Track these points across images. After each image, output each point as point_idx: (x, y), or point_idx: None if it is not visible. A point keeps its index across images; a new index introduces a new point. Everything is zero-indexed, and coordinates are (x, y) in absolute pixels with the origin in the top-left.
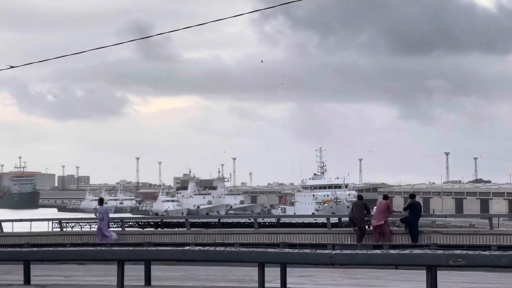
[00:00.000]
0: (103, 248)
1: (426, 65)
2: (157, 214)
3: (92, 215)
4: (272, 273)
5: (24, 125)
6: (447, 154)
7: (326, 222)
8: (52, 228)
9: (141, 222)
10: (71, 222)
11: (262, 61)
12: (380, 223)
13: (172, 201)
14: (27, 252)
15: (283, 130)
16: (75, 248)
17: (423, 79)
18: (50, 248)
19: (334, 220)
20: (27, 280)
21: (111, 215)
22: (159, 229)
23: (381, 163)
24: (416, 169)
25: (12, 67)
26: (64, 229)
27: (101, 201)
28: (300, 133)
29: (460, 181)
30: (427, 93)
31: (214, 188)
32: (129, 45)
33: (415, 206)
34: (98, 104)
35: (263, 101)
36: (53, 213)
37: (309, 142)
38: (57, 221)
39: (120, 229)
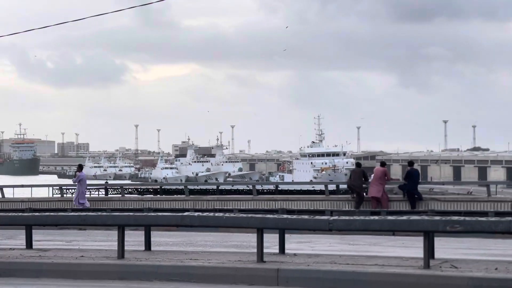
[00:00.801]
0: (104, 214)
1: (426, 32)
2: (156, 181)
3: (92, 181)
4: (271, 239)
5: (24, 92)
6: (445, 122)
7: (324, 189)
8: (53, 194)
9: (140, 188)
10: (72, 188)
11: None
12: (378, 195)
13: (171, 168)
14: (28, 217)
15: (281, 98)
16: (76, 213)
17: (423, 47)
18: (52, 213)
19: (332, 187)
20: (29, 244)
21: (110, 182)
22: (158, 195)
23: (379, 131)
24: (414, 137)
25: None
26: (65, 195)
27: (80, 168)
28: (298, 101)
29: (458, 149)
30: (426, 61)
31: (213, 155)
32: (128, 13)
33: (413, 173)
34: (98, 71)
35: (261, 69)
36: (53, 179)
37: (307, 110)
38: (58, 187)
39: (120, 195)
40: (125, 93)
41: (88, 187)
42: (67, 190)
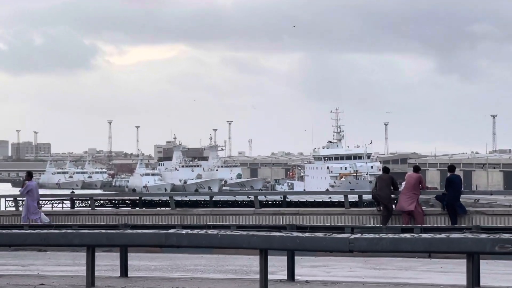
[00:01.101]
0: (69, 231)
1: (470, 5)
2: (134, 190)
3: (55, 191)
4: (277, 263)
5: None
6: (494, 116)
7: (343, 200)
8: (6, 206)
9: (115, 200)
10: None
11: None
12: (411, 208)
13: (153, 174)
14: None
15: (291, 87)
16: (35, 231)
17: (466, 23)
18: (4, 231)
19: (353, 198)
20: None
21: (78, 191)
22: (137, 209)
23: (412, 128)
24: (456, 136)
25: None
26: (20, 208)
27: (29, 175)
28: (312, 91)
29: (509, 150)
30: (470, 41)
31: (205, 158)
32: None
33: (454, 181)
34: (62, 54)
35: (266, 51)
36: (6, 188)
37: (323, 102)
38: (12, 198)
39: (89, 208)
40: (96, 81)
41: (50, 199)
42: (23, 202)
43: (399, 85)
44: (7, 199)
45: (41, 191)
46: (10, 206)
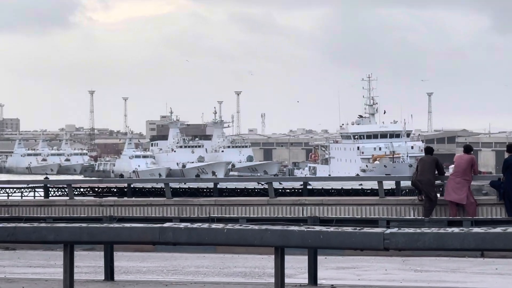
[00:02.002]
0: (43, 225)
1: None
2: (121, 176)
3: (25, 177)
4: (296, 263)
5: None
6: None
7: (376, 187)
8: None
9: (98, 187)
10: None
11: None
12: (460, 197)
13: (144, 157)
14: None
15: (313, 50)
16: (0, 225)
17: None
18: None
19: (389, 184)
20: None
21: (53, 177)
22: (125, 198)
23: (462, 100)
24: None
25: None
26: None
27: None
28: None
29: None
30: None
31: (208, 137)
32: None
33: None
34: (34, 9)
35: (283, 5)
36: None
37: (352, 68)
38: None
39: (67, 198)
40: (76, 43)
41: (19, 186)
42: None
43: (446, 47)
44: None
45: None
46: None
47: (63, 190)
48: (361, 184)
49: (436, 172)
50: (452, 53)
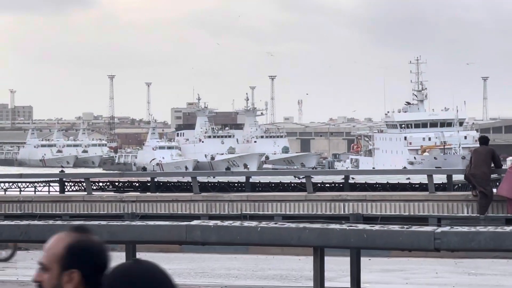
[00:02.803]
0: (58, 223)
1: None
2: (144, 168)
3: (39, 170)
4: (337, 265)
5: None
6: None
7: (426, 182)
8: None
9: (119, 182)
10: (4, 182)
11: None
12: None
13: (170, 148)
14: None
15: (354, 30)
16: (12, 223)
17: None
18: None
19: (440, 178)
20: None
21: (69, 170)
22: (149, 193)
23: None
24: None
25: None
26: None
27: None
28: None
29: None
30: None
31: (239, 126)
32: None
33: None
34: None
35: None
36: None
37: (398, 49)
38: None
39: (85, 193)
40: (94, 23)
41: (32, 180)
42: None
43: (505, 27)
44: None
45: (21, 170)
46: None
47: (80, 184)
48: (408, 178)
49: (492, 164)
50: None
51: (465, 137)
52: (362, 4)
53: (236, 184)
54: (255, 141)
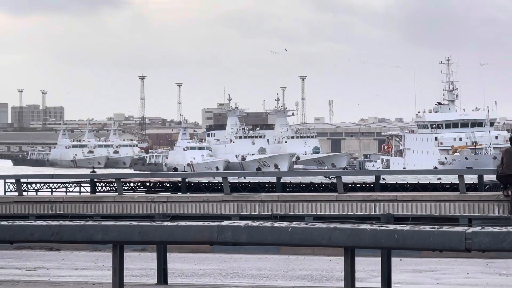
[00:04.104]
0: (89, 223)
1: None
2: (175, 169)
3: (70, 171)
4: (367, 266)
5: None
6: None
7: (457, 182)
8: (5, 191)
9: (150, 182)
10: (36, 182)
11: None
12: None
13: (200, 148)
14: None
15: (386, 30)
16: (44, 223)
17: None
18: (3, 222)
19: (471, 179)
20: None
21: (100, 171)
22: (179, 194)
23: None
24: None
25: None
26: (25, 193)
27: None
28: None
29: None
30: None
31: (270, 127)
32: None
33: None
34: None
35: None
36: (6, 166)
37: (430, 50)
38: (13, 180)
39: (116, 193)
40: (126, 23)
41: (64, 181)
42: (29, 185)
43: None
44: (7, 180)
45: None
46: (11, 190)
47: (111, 185)
48: (439, 179)
49: None
50: None
51: (496, 137)
52: (394, 4)
53: (266, 185)
54: (285, 142)
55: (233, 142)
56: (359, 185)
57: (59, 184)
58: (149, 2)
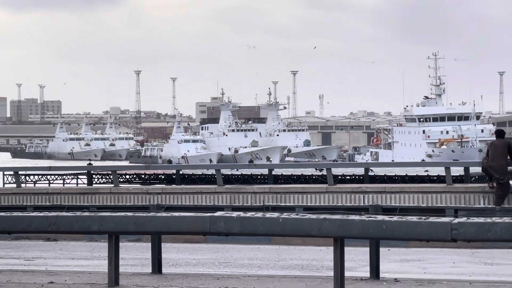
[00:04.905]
0: (86, 214)
1: None
2: (170, 161)
3: (67, 163)
4: (357, 255)
5: None
6: None
7: (443, 174)
8: (4, 182)
9: (145, 174)
10: (34, 174)
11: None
12: None
13: (194, 141)
14: None
15: (376, 27)
16: (41, 214)
17: None
18: (2, 214)
19: (457, 171)
20: None
21: (96, 163)
22: (174, 185)
23: None
24: None
25: None
26: (23, 184)
27: None
28: (404, 32)
29: None
30: None
31: (262, 120)
32: None
33: None
34: None
35: None
36: (5, 159)
37: (418, 46)
38: (12, 172)
39: (112, 185)
40: (122, 19)
41: (61, 173)
42: (27, 177)
43: None
44: (5, 172)
45: (50, 163)
46: (9, 182)
47: (107, 177)
48: (427, 171)
49: (509, 157)
50: None
51: (482, 131)
52: (383, 1)
53: (259, 177)
54: (277, 135)
55: (226, 135)
56: (348, 177)
57: (56, 176)
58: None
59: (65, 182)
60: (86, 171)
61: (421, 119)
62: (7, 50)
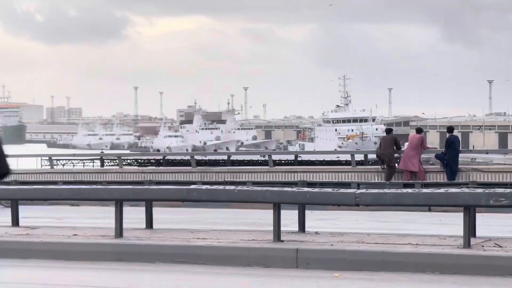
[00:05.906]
0: (99, 187)
1: None
2: (158, 150)
3: (86, 151)
4: (289, 216)
5: (9, 50)
6: (490, 82)
7: (350, 159)
8: (41, 165)
9: (141, 159)
10: (62, 159)
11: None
12: (413, 166)
13: (176, 136)
14: (14, 191)
15: (305, 56)
16: (68, 187)
17: None
18: (40, 187)
19: (359, 157)
20: (15, 221)
21: (106, 152)
22: (161, 167)
23: (415, 93)
24: (456, 100)
25: None
26: (55, 166)
27: None
28: (324, 60)
29: (504, 113)
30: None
31: (223, 122)
32: None
33: (452, 141)
34: (94, 25)
35: (282, 22)
36: (42, 149)
37: (333, 69)
38: (47, 158)
39: (118, 167)
40: (126, 50)
41: (82, 158)
42: (58, 161)
43: (406, 53)
44: (42, 158)
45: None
46: (45, 165)
47: (114, 161)
48: (338, 157)
49: (395, 147)
50: (410, 58)
51: (376, 129)
52: (308, 38)
53: (220, 161)
54: (234, 132)
55: (198, 132)
56: (283, 161)
57: (78, 161)
58: (143, 36)
59: (84, 165)
60: (99, 157)
61: (334, 121)
62: (44, 71)
